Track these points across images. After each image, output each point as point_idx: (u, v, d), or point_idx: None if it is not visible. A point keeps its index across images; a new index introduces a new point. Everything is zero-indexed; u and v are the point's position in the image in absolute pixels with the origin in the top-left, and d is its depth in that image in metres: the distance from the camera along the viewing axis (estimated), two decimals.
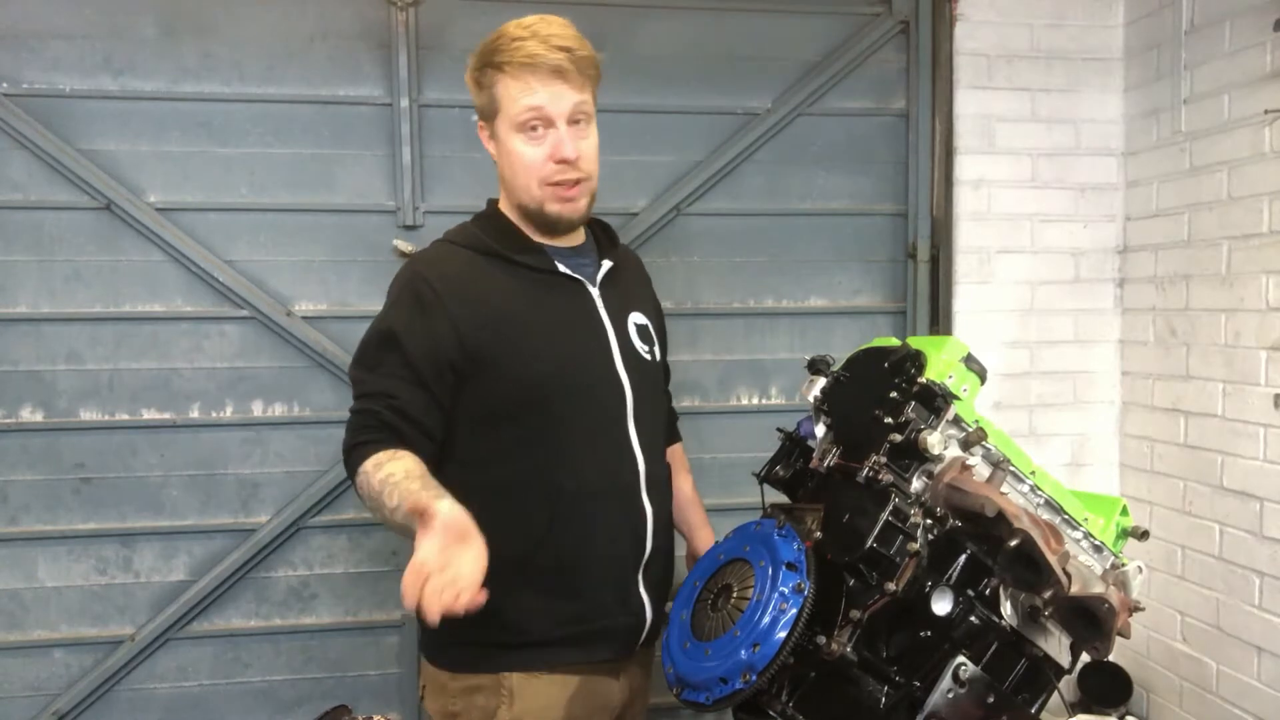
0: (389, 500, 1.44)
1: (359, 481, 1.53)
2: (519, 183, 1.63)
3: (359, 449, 1.54)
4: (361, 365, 1.62)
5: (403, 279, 1.64)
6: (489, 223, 1.69)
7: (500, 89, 1.59)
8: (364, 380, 1.60)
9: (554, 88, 1.56)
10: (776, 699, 1.42)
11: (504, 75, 1.58)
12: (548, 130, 1.58)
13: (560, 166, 1.59)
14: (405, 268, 1.66)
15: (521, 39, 1.56)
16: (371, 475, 1.49)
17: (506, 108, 1.59)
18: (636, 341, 1.72)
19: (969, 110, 2.87)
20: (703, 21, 2.81)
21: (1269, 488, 2.45)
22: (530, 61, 1.55)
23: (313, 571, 2.73)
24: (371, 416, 1.56)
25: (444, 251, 1.67)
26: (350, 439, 1.58)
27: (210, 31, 2.61)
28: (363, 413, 1.57)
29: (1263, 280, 2.46)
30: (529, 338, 1.59)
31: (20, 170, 2.54)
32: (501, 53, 1.57)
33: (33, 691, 2.63)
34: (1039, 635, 1.47)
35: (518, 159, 1.61)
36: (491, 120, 1.63)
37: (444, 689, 1.62)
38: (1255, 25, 2.45)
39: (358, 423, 1.58)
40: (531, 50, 1.55)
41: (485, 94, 1.62)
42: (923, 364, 1.51)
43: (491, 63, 1.59)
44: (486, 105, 1.63)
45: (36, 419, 2.60)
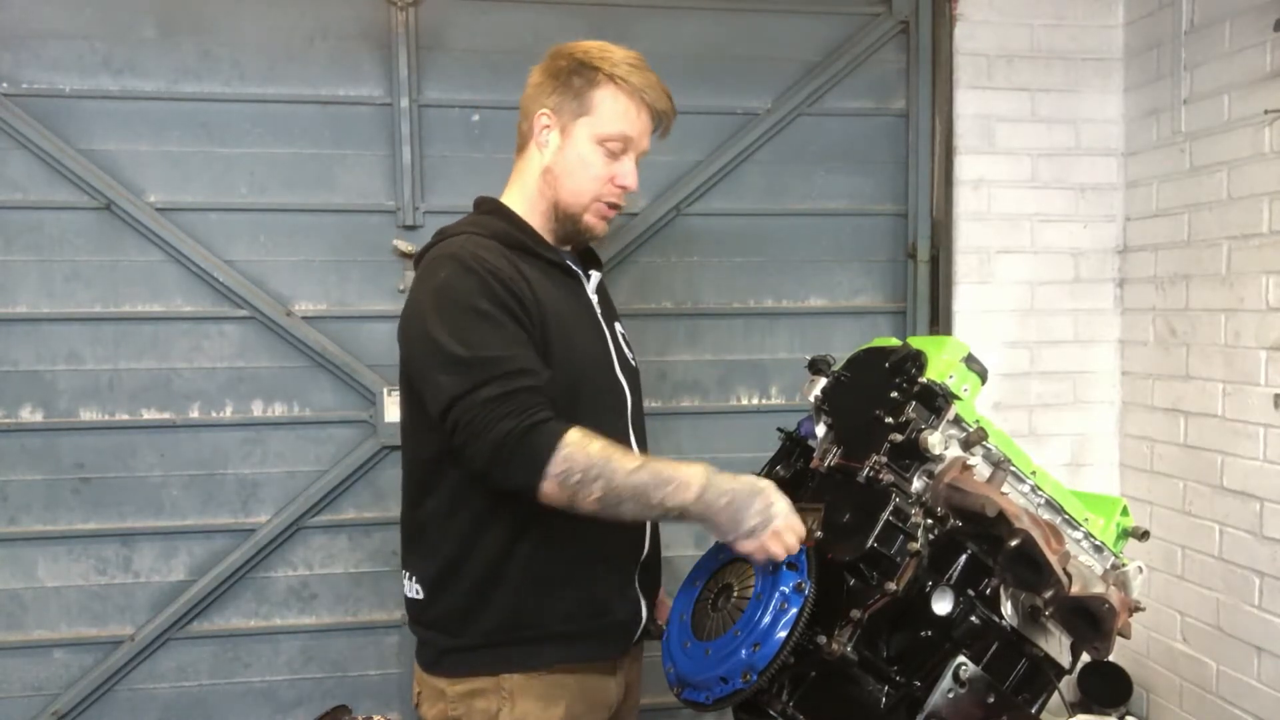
0: (625, 462, 1.41)
1: (565, 455, 1.40)
2: (574, 185, 1.62)
3: (548, 425, 1.42)
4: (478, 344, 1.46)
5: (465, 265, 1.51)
6: (501, 218, 1.65)
7: (603, 96, 1.60)
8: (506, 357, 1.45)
9: (648, 126, 1.64)
10: (777, 698, 1.42)
11: (614, 88, 1.60)
12: (621, 156, 1.63)
13: (617, 192, 1.64)
14: (460, 255, 1.53)
15: (636, 67, 1.61)
16: (586, 445, 1.41)
17: (602, 118, 1.60)
18: (625, 347, 1.75)
19: (969, 110, 2.87)
20: (703, 21, 2.82)
21: (1269, 488, 2.46)
22: (647, 93, 1.61)
23: (313, 571, 2.74)
24: (539, 394, 1.45)
25: (476, 243, 1.58)
26: (526, 417, 1.41)
27: (210, 31, 2.61)
28: (530, 390, 1.44)
29: (1263, 280, 2.46)
30: (563, 334, 1.58)
31: (20, 170, 2.54)
32: (618, 68, 1.60)
33: (33, 691, 2.63)
34: (1039, 635, 1.47)
35: (587, 167, 1.61)
36: (570, 117, 1.61)
37: (442, 694, 1.61)
38: (1255, 25, 2.45)
39: (529, 400, 1.43)
40: (648, 84, 1.61)
41: (577, 91, 1.60)
42: (923, 364, 1.51)
43: (603, 70, 1.60)
44: (571, 102, 1.61)
45: (36, 419, 2.60)
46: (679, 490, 1.42)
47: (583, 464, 1.40)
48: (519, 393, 1.43)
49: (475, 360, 1.44)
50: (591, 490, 1.41)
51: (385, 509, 2.71)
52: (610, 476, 1.41)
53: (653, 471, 1.43)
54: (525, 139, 1.68)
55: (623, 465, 1.42)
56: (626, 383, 1.69)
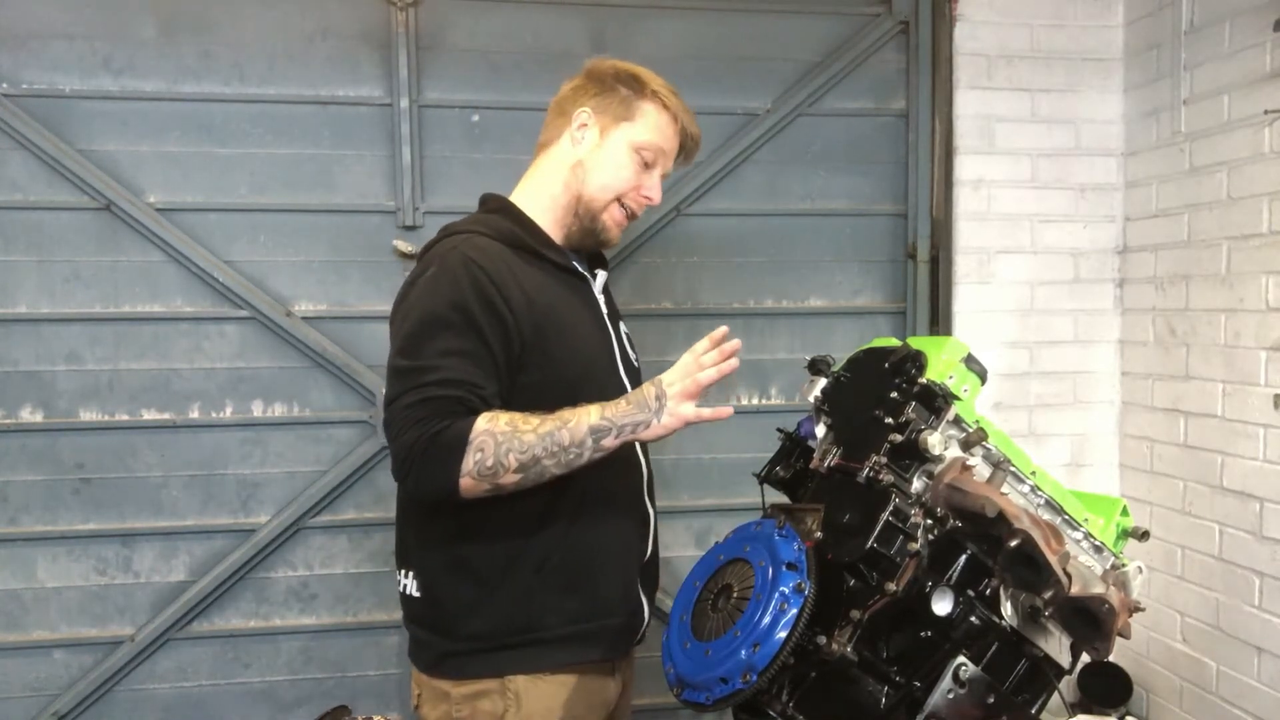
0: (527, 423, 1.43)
1: (478, 444, 1.41)
2: (603, 180, 1.65)
3: (451, 429, 1.42)
4: (428, 352, 1.48)
5: (452, 267, 1.52)
6: (508, 216, 1.65)
7: (647, 108, 1.67)
8: (437, 366, 1.46)
9: (677, 147, 1.73)
10: (777, 699, 1.42)
11: (659, 104, 1.68)
12: (651, 169, 1.70)
13: (642, 201, 1.70)
14: (450, 256, 1.54)
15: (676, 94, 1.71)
16: (492, 427, 1.42)
17: (643, 127, 1.67)
18: (629, 348, 1.77)
19: (969, 110, 2.87)
20: (703, 21, 2.82)
21: (1269, 488, 2.46)
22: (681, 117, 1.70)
23: (313, 571, 2.73)
24: (456, 403, 1.45)
25: (480, 242, 1.57)
26: (428, 426, 1.42)
27: (210, 31, 2.61)
28: (444, 399, 1.44)
29: (1263, 280, 2.46)
30: (563, 336, 1.59)
31: (20, 170, 2.54)
32: (663, 89, 1.69)
33: (33, 691, 2.63)
34: (1039, 635, 1.47)
35: (620, 168, 1.66)
36: (611, 120, 1.66)
37: (445, 696, 1.60)
38: (1255, 25, 2.45)
39: (438, 409, 1.43)
40: (687, 111, 1.72)
41: (623, 99, 1.67)
42: (923, 364, 1.51)
43: (649, 86, 1.68)
44: (616, 106, 1.66)
45: (36, 419, 2.60)
46: (582, 418, 1.46)
47: (491, 445, 1.42)
48: (436, 400, 1.44)
49: (408, 369, 1.48)
50: (507, 464, 1.42)
51: (385, 509, 2.71)
52: (519, 443, 1.43)
53: (555, 419, 1.45)
54: (555, 135, 1.70)
55: (527, 426, 1.44)
56: (629, 383, 1.70)
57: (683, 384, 1.50)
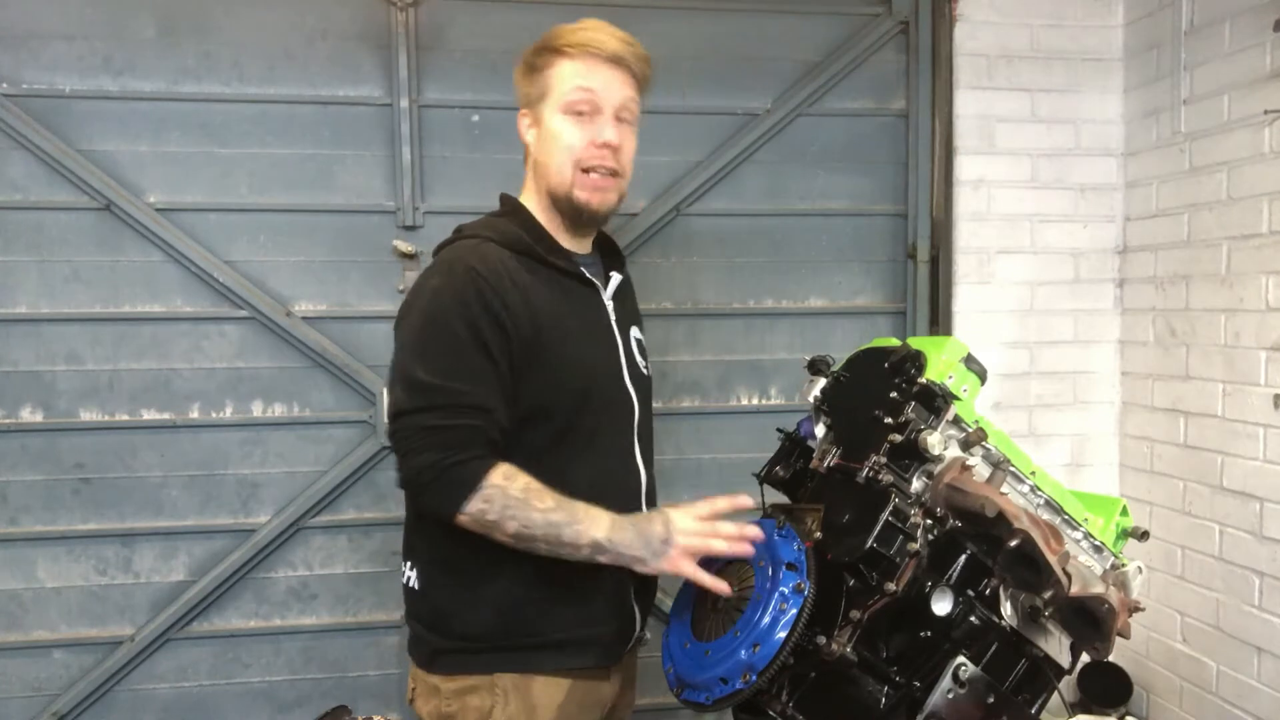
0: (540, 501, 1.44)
1: (486, 495, 1.44)
2: (554, 164, 1.60)
3: (471, 464, 1.45)
4: (433, 369, 1.48)
5: (455, 275, 1.52)
6: (517, 220, 1.64)
7: (555, 70, 1.60)
8: (446, 389, 1.46)
9: (609, 74, 1.60)
10: (776, 699, 1.42)
11: (563, 57, 1.59)
12: (594, 117, 1.59)
13: (600, 152, 1.59)
14: (455, 265, 1.53)
15: (582, 28, 1.60)
16: (507, 487, 1.45)
17: (557, 88, 1.59)
18: (638, 356, 1.73)
19: (969, 110, 2.87)
20: (703, 21, 2.82)
21: (1269, 488, 2.45)
22: (591, 43, 1.58)
23: (313, 572, 2.73)
24: (476, 433, 1.46)
25: (485, 248, 1.57)
26: (448, 455, 1.44)
27: (210, 31, 2.61)
28: (460, 428, 1.45)
29: (1263, 280, 2.46)
30: (566, 345, 1.57)
31: (20, 170, 2.54)
32: (563, 37, 1.60)
33: (33, 691, 2.63)
34: (1039, 635, 1.47)
35: (558, 139, 1.59)
36: (537, 105, 1.62)
37: (436, 690, 1.61)
38: (1255, 25, 2.45)
39: (460, 438, 1.45)
40: (595, 37, 1.59)
41: (537, 78, 1.61)
42: (923, 364, 1.51)
43: (551, 47, 1.60)
44: (536, 91, 1.62)
45: (36, 419, 2.60)
46: (590, 526, 1.46)
47: (500, 504, 1.44)
48: (457, 429, 1.45)
49: (427, 385, 1.47)
50: (505, 527, 1.46)
51: (385, 509, 2.71)
52: (526, 516, 1.44)
53: (567, 510, 1.46)
54: (523, 142, 1.70)
55: (539, 504, 1.45)
56: (635, 392, 1.67)
57: (690, 542, 1.46)
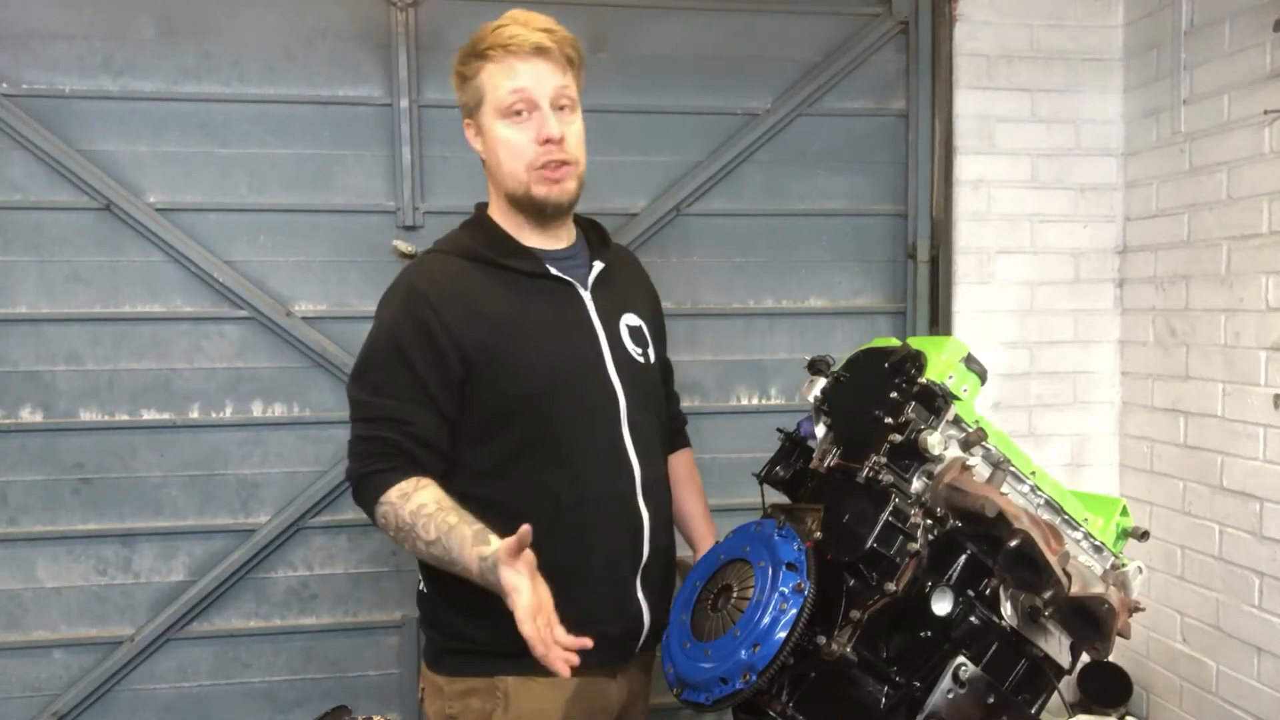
0: (425, 533, 1.47)
1: (381, 512, 1.52)
2: (505, 170, 1.60)
3: (376, 477, 1.52)
4: (365, 386, 1.57)
5: (398, 295, 1.59)
6: (477, 229, 1.67)
7: (484, 76, 1.59)
8: (370, 403, 1.56)
9: (536, 67, 1.57)
10: (776, 699, 1.42)
11: (487, 62, 1.58)
12: (532, 114, 1.58)
13: (547, 148, 1.58)
14: (398, 283, 1.62)
15: (501, 25, 1.59)
16: (400, 507, 1.49)
17: (490, 94, 1.59)
18: (629, 344, 1.69)
19: (969, 110, 2.87)
20: (703, 21, 2.82)
21: (1269, 488, 2.45)
22: (511, 42, 1.56)
23: (313, 572, 2.73)
24: (386, 444, 1.52)
25: (435, 262, 1.62)
26: (361, 465, 1.55)
27: (210, 31, 2.61)
28: (374, 439, 1.54)
29: (1263, 280, 2.46)
30: (522, 345, 1.57)
31: (20, 170, 2.54)
32: (483, 41, 1.59)
33: (33, 691, 2.63)
34: (1039, 635, 1.47)
35: (503, 145, 1.59)
36: (476, 113, 1.62)
37: (440, 692, 1.62)
38: (1255, 25, 2.45)
39: (370, 449, 1.54)
40: (512, 32, 1.57)
41: (470, 87, 1.61)
42: (923, 364, 1.51)
43: (474, 52, 1.60)
44: (471, 99, 1.62)
45: (36, 419, 2.60)
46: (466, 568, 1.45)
47: (393, 524, 1.51)
48: (369, 440, 1.54)
49: (354, 400, 1.59)
50: (405, 544, 1.52)
51: None
52: (413, 544, 1.50)
53: (444, 548, 1.46)
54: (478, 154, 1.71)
55: (423, 536, 1.47)
56: (622, 383, 1.64)
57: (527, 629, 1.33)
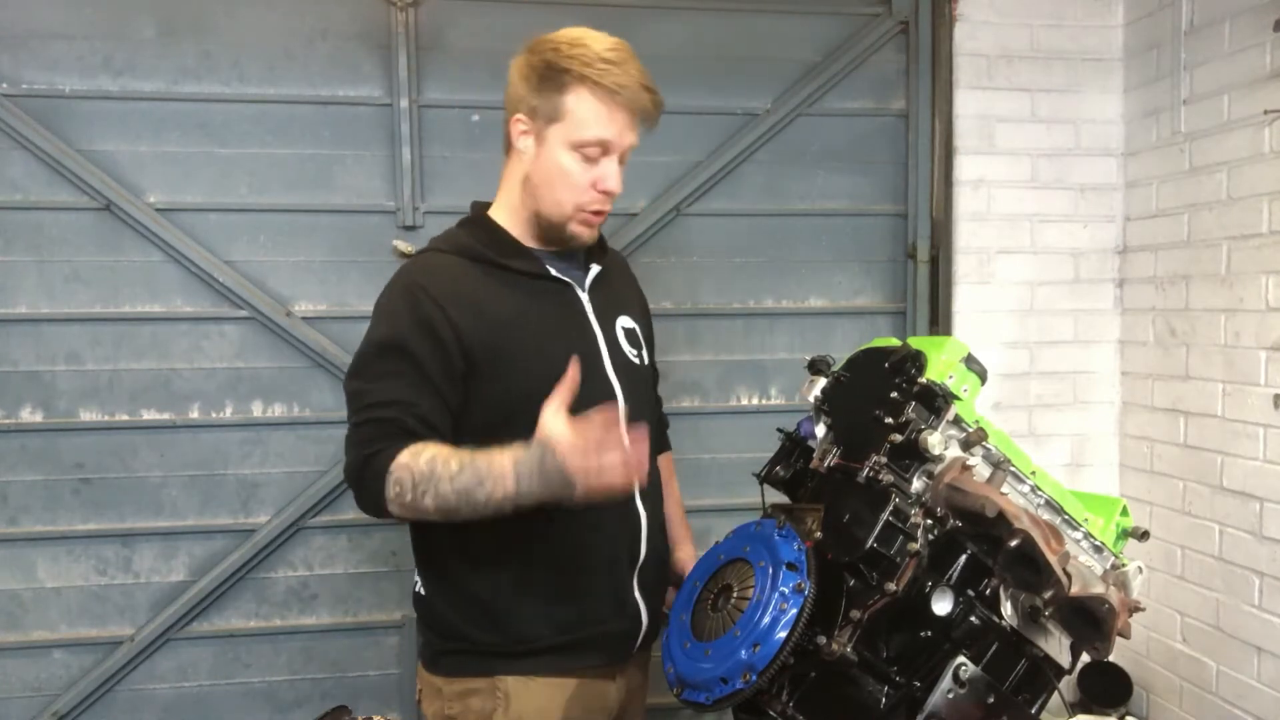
0: (447, 468, 1.40)
1: (395, 479, 1.42)
2: (552, 196, 1.57)
3: (382, 454, 1.44)
4: (365, 377, 1.53)
5: (397, 290, 1.56)
6: (476, 228, 1.64)
7: (573, 100, 1.53)
8: (371, 390, 1.50)
9: (629, 122, 1.56)
10: (777, 699, 1.42)
11: (585, 90, 1.52)
12: (600, 160, 1.56)
13: (601, 198, 1.58)
14: (397, 279, 1.59)
15: (612, 62, 1.52)
16: (413, 463, 1.42)
17: (572, 121, 1.53)
18: (625, 346, 1.70)
19: (969, 110, 2.87)
20: (703, 21, 2.82)
21: (1269, 488, 2.45)
22: (622, 91, 1.52)
23: (313, 572, 2.73)
24: (390, 424, 1.46)
25: (433, 260, 1.60)
26: (364, 449, 1.47)
27: (210, 31, 2.61)
28: (380, 421, 1.47)
29: (1263, 280, 2.46)
30: (523, 345, 1.56)
31: (20, 170, 2.54)
32: (590, 67, 1.52)
33: (33, 691, 2.63)
34: (1039, 635, 1.46)
35: (564, 175, 1.56)
36: (544, 124, 1.55)
37: (439, 693, 1.62)
38: (1255, 25, 2.45)
39: (375, 431, 1.47)
40: (623, 80, 1.52)
41: (548, 95, 1.54)
42: (923, 364, 1.51)
43: (572, 70, 1.52)
44: (543, 106, 1.54)
45: (36, 419, 2.60)
46: (496, 486, 1.39)
47: (410, 482, 1.42)
48: (366, 425, 1.49)
49: (358, 390, 1.53)
50: (425, 503, 1.42)
51: None
52: (436, 487, 1.41)
53: (473, 471, 1.40)
54: (508, 142, 1.63)
55: (446, 472, 1.40)
56: (621, 384, 1.65)
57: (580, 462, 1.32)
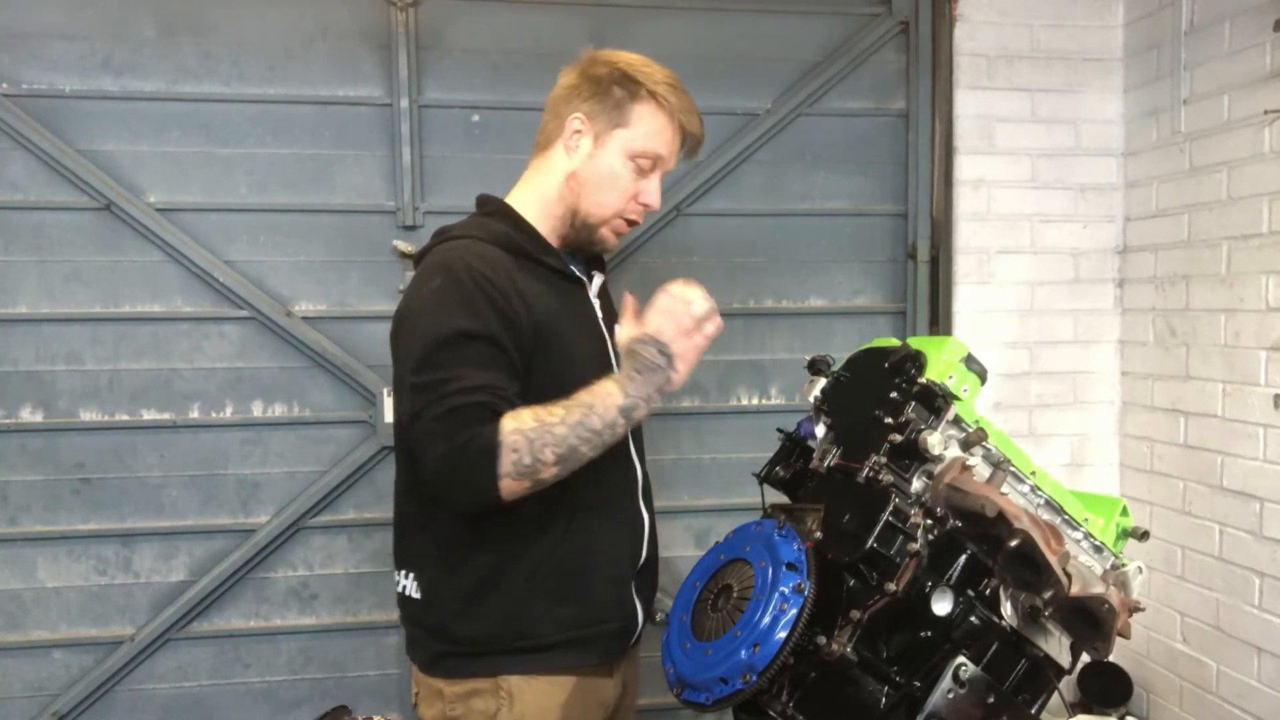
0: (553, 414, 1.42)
1: (510, 444, 1.39)
2: (600, 197, 1.61)
3: (480, 436, 1.39)
4: (442, 366, 1.44)
5: (459, 277, 1.49)
6: (506, 221, 1.63)
7: (643, 112, 1.61)
8: (452, 379, 1.42)
9: (677, 149, 1.68)
10: (777, 699, 1.42)
11: (654, 105, 1.61)
12: (648, 175, 1.64)
13: (639, 209, 1.66)
14: (454, 264, 1.51)
15: (675, 88, 1.63)
16: (519, 425, 1.40)
17: (638, 133, 1.61)
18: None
19: (969, 110, 2.87)
20: (703, 21, 2.82)
21: (1269, 488, 2.46)
22: (682, 115, 1.64)
23: (313, 572, 2.74)
24: (483, 409, 1.41)
25: (482, 250, 1.55)
26: (457, 437, 1.39)
27: (210, 31, 2.61)
28: (471, 406, 1.41)
29: (1263, 280, 2.46)
30: (563, 339, 1.57)
31: (20, 170, 2.54)
32: (660, 85, 1.61)
33: (33, 691, 2.63)
34: (1039, 635, 1.46)
35: (615, 179, 1.61)
36: (606, 126, 1.60)
37: (440, 694, 1.61)
38: (1255, 25, 2.45)
39: (468, 416, 1.40)
40: (686, 106, 1.64)
41: (617, 102, 1.60)
42: (923, 364, 1.51)
43: (645, 85, 1.60)
44: (610, 111, 1.60)
45: (36, 419, 2.60)
46: (606, 400, 1.44)
47: (524, 441, 1.39)
48: (459, 410, 1.41)
49: (424, 385, 1.44)
50: (544, 458, 1.40)
51: (385, 509, 2.70)
52: (551, 433, 1.41)
53: (577, 404, 1.44)
54: (550, 139, 1.64)
55: (552, 419, 1.42)
56: None
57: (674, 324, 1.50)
